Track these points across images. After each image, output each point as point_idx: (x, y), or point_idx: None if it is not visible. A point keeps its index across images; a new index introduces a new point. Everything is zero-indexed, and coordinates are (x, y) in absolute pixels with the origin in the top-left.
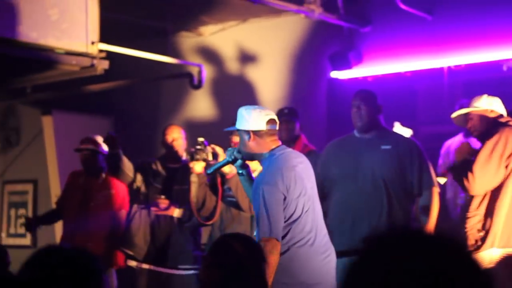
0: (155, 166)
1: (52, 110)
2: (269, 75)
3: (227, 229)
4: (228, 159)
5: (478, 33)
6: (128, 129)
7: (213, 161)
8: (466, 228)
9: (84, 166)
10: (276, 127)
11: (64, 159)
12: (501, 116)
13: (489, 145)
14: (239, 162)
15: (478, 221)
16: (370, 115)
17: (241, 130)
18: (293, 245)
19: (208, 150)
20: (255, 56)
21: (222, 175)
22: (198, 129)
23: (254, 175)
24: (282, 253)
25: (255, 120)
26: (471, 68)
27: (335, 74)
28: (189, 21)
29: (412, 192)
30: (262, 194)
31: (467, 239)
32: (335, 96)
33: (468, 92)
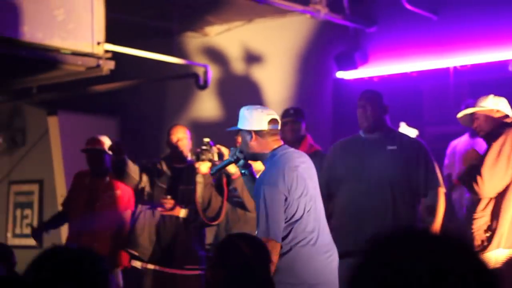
0: (160, 166)
1: (58, 111)
2: (275, 75)
3: (233, 229)
4: (231, 159)
5: (484, 33)
6: (134, 130)
7: (219, 162)
8: (473, 229)
9: (91, 167)
10: (278, 127)
11: (70, 160)
12: (507, 117)
13: (496, 147)
14: (242, 162)
15: (485, 223)
16: (376, 116)
17: (243, 130)
18: (296, 245)
19: (214, 151)
20: (261, 57)
21: (228, 176)
22: (204, 130)
23: (257, 175)
24: (285, 253)
25: (257, 120)
26: (477, 68)
27: (341, 74)
28: (195, 22)
29: (418, 193)
30: (263, 195)
31: (474, 240)
32: (341, 97)
33: (474, 92)
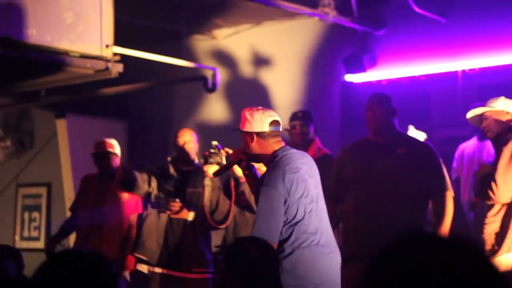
0: (167, 169)
1: (66, 113)
2: (283, 78)
3: (241, 233)
4: (233, 161)
5: (493, 36)
6: (142, 132)
7: None
8: (484, 234)
9: (100, 169)
10: (280, 129)
11: (78, 162)
12: None
13: (507, 152)
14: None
15: (496, 228)
16: (385, 119)
17: (244, 132)
18: (298, 247)
19: (222, 154)
20: (269, 59)
21: (236, 179)
22: (212, 133)
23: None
24: (288, 255)
25: (258, 122)
26: (486, 72)
27: (349, 78)
28: (203, 24)
29: (427, 196)
30: (262, 196)
31: (485, 244)
32: (349, 100)
33: (482, 96)
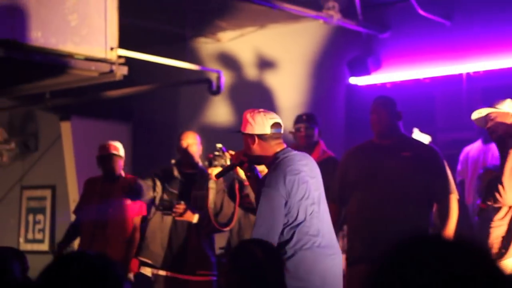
0: (172, 172)
1: (71, 116)
2: (288, 81)
3: (246, 235)
4: (235, 163)
5: (497, 39)
6: (147, 135)
7: None
8: (491, 238)
9: (105, 171)
10: (281, 131)
11: (83, 165)
12: None
13: None
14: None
15: (503, 232)
16: (389, 122)
17: (246, 134)
18: (300, 249)
19: (226, 156)
20: (274, 62)
21: (240, 182)
22: (217, 135)
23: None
24: (290, 257)
25: (259, 124)
26: (490, 75)
27: (354, 80)
28: (208, 27)
29: (431, 199)
30: (263, 197)
31: (491, 248)
32: (354, 102)
33: (487, 99)
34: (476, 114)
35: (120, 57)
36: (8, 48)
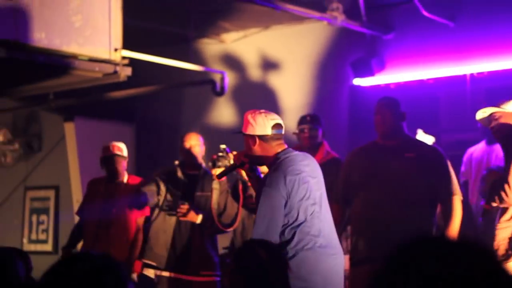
0: (175, 173)
1: (75, 117)
2: (292, 82)
3: (249, 236)
4: (236, 163)
5: (501, 40)
6: (151, 136)
7: None
8: (497, 240)
9: (109, 172)
10: (282, 132)
11: (86, 165)
12: None
13: None
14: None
15: (509, 233)
16: (393, 123)
17: (247, 135)
18: (302, 249)
19: (230, 157)
20: (278, 63)
21: (244, 182)
22: (221, 136)
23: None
24: (291, 258)
25: (260, 125)
26: (494, 75)
27: (358, 81)
28: (212, 28)
29: (435, 200)
30: (263, 197)
31: (498, 250)
32: (358, 103)
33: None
34: (481, 114)
35: (124, 58)
36: (12, 49)
